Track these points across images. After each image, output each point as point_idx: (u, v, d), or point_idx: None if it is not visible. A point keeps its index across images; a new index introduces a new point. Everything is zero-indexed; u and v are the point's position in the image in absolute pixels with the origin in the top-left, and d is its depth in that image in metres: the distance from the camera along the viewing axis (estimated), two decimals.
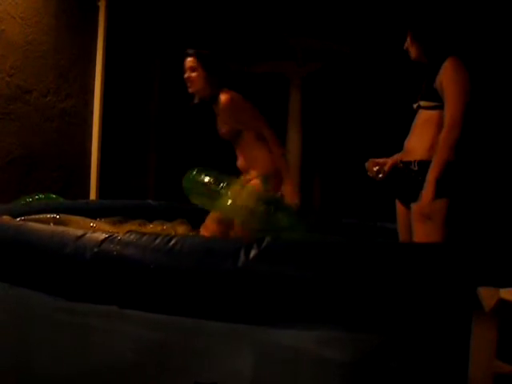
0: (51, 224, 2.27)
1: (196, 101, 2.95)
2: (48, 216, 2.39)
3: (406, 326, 1.39)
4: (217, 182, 2.49)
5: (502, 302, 1.28)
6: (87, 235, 1.61)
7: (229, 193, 2.45)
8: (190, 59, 2.89)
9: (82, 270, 1.56)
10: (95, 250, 1.54)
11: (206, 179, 2.52)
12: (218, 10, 5.21)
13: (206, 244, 1.54)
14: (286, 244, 1.54)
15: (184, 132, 5.63)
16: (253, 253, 1.42)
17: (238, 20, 5.27)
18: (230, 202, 2.43)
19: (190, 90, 2.92)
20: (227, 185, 2.47)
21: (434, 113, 2.33)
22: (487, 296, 1.29)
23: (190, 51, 2.92)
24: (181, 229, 3.04)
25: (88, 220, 2.55)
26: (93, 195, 4.36)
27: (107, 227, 2.54)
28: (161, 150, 5.63)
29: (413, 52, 2.42)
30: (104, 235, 1.59)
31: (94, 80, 4.42)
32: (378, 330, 1.36)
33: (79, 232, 1.64)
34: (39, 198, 3.26)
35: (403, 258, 1.47)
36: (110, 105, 4.58)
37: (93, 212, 2.95)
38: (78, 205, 3.17)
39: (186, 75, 2.91)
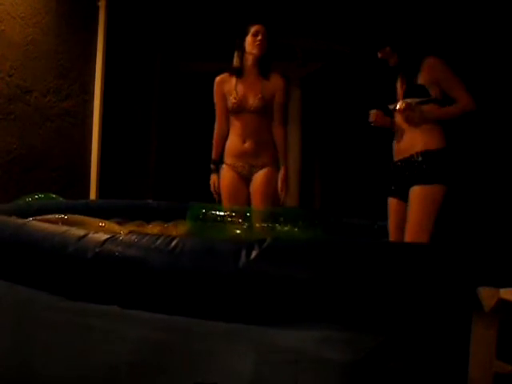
0: (60, 224, 2.24)
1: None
2: (56, 216, 2.37)
3: (406, 326, 1.39)
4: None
5: (502, 302, 1.28)
6: (89, 235, 1.61)
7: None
8: (261, 26, 3.13)
9: (84, 269, 1.56)
10: (97, 250, 1.54)
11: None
12: (218, 9, 5.21)
13: (207, 245, 1.54)
14: (286, 244, 1.54)
15: (184, 132, 5.63)
16: (254, 253, 1.42)
17: (238, 20, 5.27)
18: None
19: (262, 50, 3.10)
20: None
21: (425, 107, 2.41)
22: (487, 296, 1.29)
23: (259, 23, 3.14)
24: (180, 229, 3.03)
25: (97, 220, 2.53)
26: (93, 195, 4.36)
27: (116, 227, 2.51)
28: (161, 150, 5.64)
29: (393, 61, 2.57)
30: (106, 236, 1.59)
31: (94, 80, 4.42)
32: (378, 330, 1.36)
33: (81, 232, 1.64)
34: (39, 198, 3.26)
35: (403, 258, 1.47)
36: (110, 105, 4.58)
37: (92, 212, 2.94)
38: (77, 205, 3.17)
39: (260, 38, 3.10)
